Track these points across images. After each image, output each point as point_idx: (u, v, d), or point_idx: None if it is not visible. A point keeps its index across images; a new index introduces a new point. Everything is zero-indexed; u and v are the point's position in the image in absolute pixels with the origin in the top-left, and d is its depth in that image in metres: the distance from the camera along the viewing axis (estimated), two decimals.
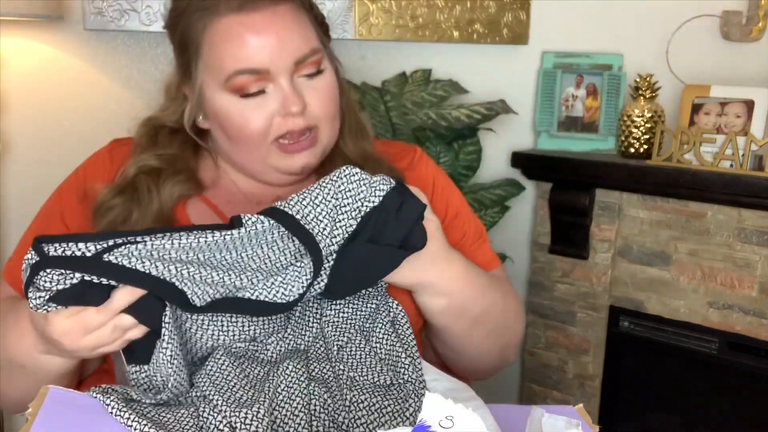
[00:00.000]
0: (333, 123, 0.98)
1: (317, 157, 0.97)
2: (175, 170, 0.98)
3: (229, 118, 0.93)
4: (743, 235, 1.68)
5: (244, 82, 0.90)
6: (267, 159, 0.95)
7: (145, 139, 1.01)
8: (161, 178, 0.96)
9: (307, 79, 0.93)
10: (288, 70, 0.91)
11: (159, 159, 0.98)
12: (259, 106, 0.92)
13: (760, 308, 1.67)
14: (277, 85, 0.91)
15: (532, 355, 2.03)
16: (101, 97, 2.00)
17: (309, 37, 0.93)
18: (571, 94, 1.96)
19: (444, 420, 0.54)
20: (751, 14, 1.82)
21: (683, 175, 1.68)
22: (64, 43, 1.97)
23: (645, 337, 1.85)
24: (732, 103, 1.70)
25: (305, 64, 0.92)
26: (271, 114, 0.92)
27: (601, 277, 1.88)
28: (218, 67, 0.91)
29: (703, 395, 1.82)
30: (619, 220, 1.84)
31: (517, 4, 1.98)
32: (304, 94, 0.93)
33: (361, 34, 1.96)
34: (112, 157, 1.02)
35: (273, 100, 0.92)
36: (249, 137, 0.93)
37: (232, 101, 0.92)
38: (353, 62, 2.04)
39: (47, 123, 2.00)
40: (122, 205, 0.94)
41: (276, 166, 0.96)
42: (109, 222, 0.93)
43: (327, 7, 1.93)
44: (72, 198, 0.99)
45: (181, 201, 0.97)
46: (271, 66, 0.90)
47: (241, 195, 1.01)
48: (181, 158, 1.00)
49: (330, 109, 0.96)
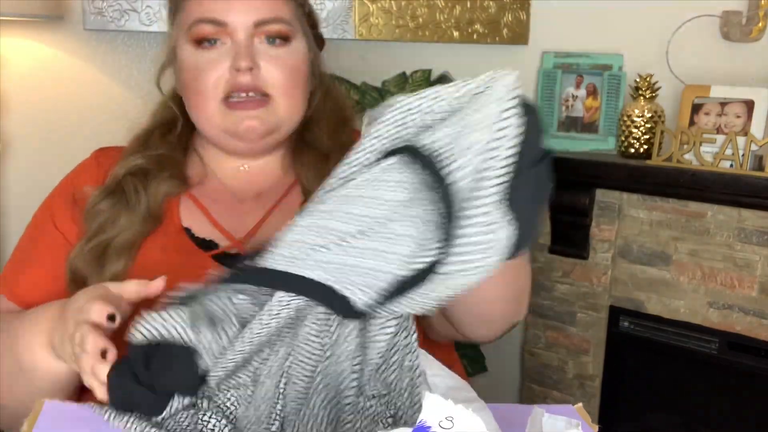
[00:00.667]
0: (288, 99, 0.97)
1: (266, 124, 0.96)
2: (162, 169, 0.99)
3: (184, 70, 0.97)
4: (743, 235, 1.68)
5: (203, 31, 0.94)
6: (214, 118, 0.96)
7: (135, 143, 1.03)
8: (148, 178, 0.98)
9: (269, 45, 0.96)
10: (247, 28, 0.94)
11: (147, 159, 1.00)
12: (213, 60, 0.94)
13: (760, 308, 1.67)
14: (235, 41, 0.94)
15: (532, 355, 2.03)
16: (101, 97, 2.00)
17: (278, 7, 0.96)
18: (571, 94, 1.96)
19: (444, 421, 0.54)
20: (751, 14, 1.82)
21: (683, 175, 1.68)
22: (64, 43, 1.97)
23: (645, 337, 1.84)
24: (732, 103, 1.70)
25: (267, 29, 0.95)
26: (223, 69, 0.94)
27: (601, 277, 1.88)
28: (186, 18, 0.96)
29: (703, 395, 1.82)
30: (619, 220, 1.84)
31: (517, 4, 1.98)
32: (261, 59, 0.95)
33: (361, 34, 1.96)
34: (99, 163, 1.03)
35: (227, 56, 0.94)
36: (199, 90, 0.95)
37: (190, 52, 0.96)
38: (353, 62, 2.04)
39: (47, 123, 2.00)
40: (111, 208, 0.95)
41: (222, 125, 0.96)
42: (99, 225, 0.94)
43: (327, 7, 1.93)
44: (61, 203, 1.00)
45: (172, 199, 0.98)
46: (230, 20, 0.93)
47: (227, 193, 1.01)
48: (168, 157, 1.01)
49: (285, 81, 0.96)
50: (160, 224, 0.96)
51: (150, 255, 0.93)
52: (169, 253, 0.93)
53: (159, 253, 0.93)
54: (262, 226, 0.97)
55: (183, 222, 0.97)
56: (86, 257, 0.92)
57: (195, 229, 0.96)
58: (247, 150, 1.00)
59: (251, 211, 0.99)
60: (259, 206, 0.99)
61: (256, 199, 1.01)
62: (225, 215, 0.98)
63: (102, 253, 0.92)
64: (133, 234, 0.93)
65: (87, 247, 0.93)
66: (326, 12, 1.93)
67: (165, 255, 0.93)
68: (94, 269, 0.91)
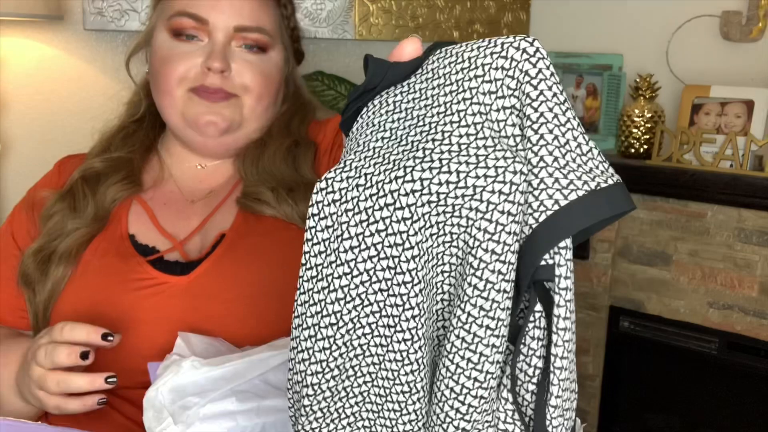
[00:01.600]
0: (255, 102, 0.97)
1: (225, 120, 0.96)
2: (117, 172, 1.00)
3: (156, 55, 0.98)
4: (743, 235, 1.68)
5: (183, 23, 0.95)
6: (177, 104, 0.96)
7: (98, 145, 1.05)
8: (99, 182, 0.98)
9: (245, 51, 0.96)
10: (227, 30, 0.95)
11: (104, 162, 1.01)
12: (187, 53, 0.95)
13: (760, 308, 1.67)
14: (212, 40, 0.95)
15: None
16: (101, 97, 2.00)
17: (261, 17, 0.97)
18: (571, 95, 1.96)
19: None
20: (751, 14, 1.82)
21: (683, 175, 1.68)
22: (64, 43, 1.97)
23: (645, 337, 1.85)
24: (732, 103, 1.70)
25: (246, 36, 0.95)
26: (195, 63, 0.94)
27: (601, 277, 1.88)
28: (168, 8, 0.96)
29: (703, 395, 1.82)
30: (619, 220, 1.84)
31: (517, 4, 1.98)
32: (234, 61, 0.95)
33: (361, 34, 1.96)
34: (61, 171, 1.05)
35: (201, 52, 0.95)
36: (167, 77, 0.96)
37: (166, 39, 0.96)
38: (353, 62, 2.04)
39: (47, 123, 2.00)
40: (61, 212, 0.96)
41: (183, 112, 0.96)
42: (47, 231, 0.95)
43: (327, 7, 1.93)
44: (21, 213, 1.02)
45: (122, 205, 0.98)
46: (212, 18, 0.94)
47: (180, 194, 1.01)
48: (126, 161, 1.02)
49: (254, 86, 0.96)
50: (106, 229, 0.96)
51: (90, 260, 0.93)
52: (108, 258, 0.93)
53: (99, 258, 0.93)
54: (204, 226, 0.96)
55: (130, 229, 0.96)
56: (33, 263, 0.94)
57: (140, 235, 0.96)
58: (202, 145, 1.00)
59: (199, 211, 0.99)
60: (207, 205, 0.99)
61: (206, 198, 1.01)
62: (172, 218, 0.98)
63: (47, 259, 0.93)
64: (76, 240, 0.94)
65: (34, 253, 0.94)
66: (326, 12, 1.93)
67: (104, 260, 0.92)
68: (39, 275, 0.93)
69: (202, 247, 0.93)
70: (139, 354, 0.85)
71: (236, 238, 0.92)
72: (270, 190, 0.94)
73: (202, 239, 0.95)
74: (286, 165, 0.98)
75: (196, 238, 0.95)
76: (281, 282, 0.88)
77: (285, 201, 0.93)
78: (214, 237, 0.93)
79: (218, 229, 0.94)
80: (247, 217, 0.94)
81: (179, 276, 0.90)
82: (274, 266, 0.89)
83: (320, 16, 1.95)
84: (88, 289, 0.90)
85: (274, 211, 0.93)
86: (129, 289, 0.89)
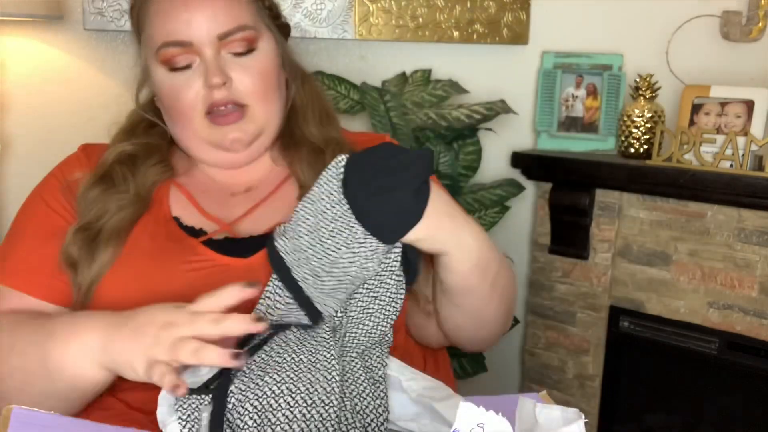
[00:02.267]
0: (265, 103, 0.99)
1: (248, 134, 0.98)
2: (149, 155, 1.01)
3: (162, 92, 0.98)
4: (743, 235, 1.68)
5: (170, 54, 0.95)
6: (200, 133, 0.98)
7: (122, 133, 1.05)
8: (136, 164, 0.99)
9: (237, 56, 0.96)
10: (212, 44, 0.94)
11: (135, 146, 1.01)
12: (187, 80, 0.96)
13: (760, 308, 1.67)
14: (203, 58, 0.95)
15: (532, 355, 2.03)
16: (101, 97, 2.00)
17: (238, 14, 0.96)
18: (571, 94, 1.96)
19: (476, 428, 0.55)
20: (751, 14, 1.82)
21: (683, 175, 1.68)
22: (64, 43, 1.97)
23: (645, 337, 1.84)
24: (732, 103, 1.70)
25: (232, 40, 0.95)
26: (198, 87, 0.95)
27: (601, 277, 1.88)
28: (151, 41, 0.96)
29: (703, 395, 1.82)
30: (619, 220, 1.84)
31: (517, 4, 1.98)
32: (231, 70, 0.96)
33: (361, 34, 1.96)
34: (87, 154, 1.05)
35: (199, 74, 0.95)
36: (180, 110, 0.97)
37: (164, 75, 0.97)
38: (353, 62, 2.04)
39: (47, 123, 2.00)
40: (101, 194, 0.96)
41: (208, 140, 0.98)
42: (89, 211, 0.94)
43: (327, 7, 1.93)
44: (55, 192, 1.00)
45: (162, 188, 0.99)
46: (194, 39, 0.94)
47: (216, 184, 1.03)
48: (155, 146, 1.03)
49: (258, 88, 0.97)
50: (149, 211, 0.96)
51: (139, 242, 0.93)
52: (158, 241, 0.93)
53: (148, 240, 0.93)
54: (252, 214, 0.98)
55: (172, 212, 0.97)
56: (78, 244, 0.92)
57: (184, 218, 0.97)
58: (233, 160, 1.01)
59: (241, 202, 1.00)
60: (249, 199, 1.01)
61: (246, 192, 1.02)
62: (214, 205, 0.99)
63: (93, 240, 0.92)
64: (122, 220, 0.93)
65: (78, 233, 0.93)
66: (326, 12, 1.93)
67: (154, 242, 0.93)
68: (85, 256, 0.92)
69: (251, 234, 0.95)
70: None
71: None
72: None
73: (251, 226, 0.96)
74: None
75: (244, 224, 0.96)
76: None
77: None
78: (267, 227, 0.94)
79: (270, 219, 0.95)
80: None
81: (238, 258, 0.90)
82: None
83: (320, 16, 1.94)
84: (138, 270, 0.90)
85: None
86: (184, 270, 0.90)
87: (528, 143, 2.05)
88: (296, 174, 1.02)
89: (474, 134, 1.93)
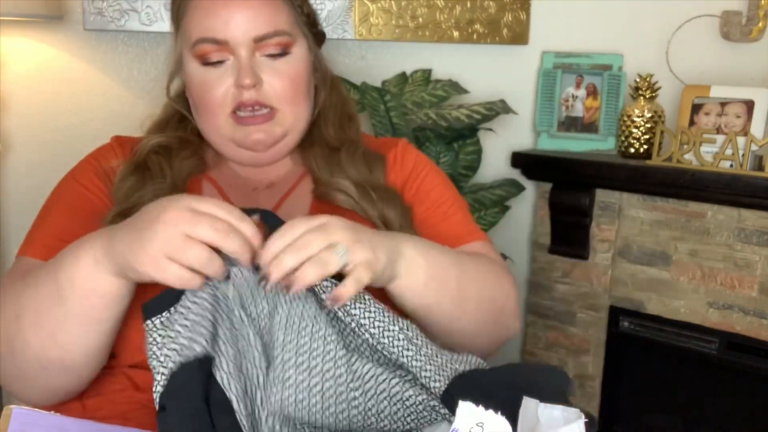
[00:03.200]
0: (293, 107, 1.00)
1: (272, 136, 1.00)
2: (183, 148, 1.03)
3: (193, 85, 1.00)
4: (743, 235, 1.68)
5: (205, 50, 0.96)
6: (223, 129, 1.00)
7: (154, 128, 1.08)
8: (171, 156, 1.02)
9: (270, 59, 0.98)
10: (247, 45, 0.96)
11: (169, 138, 1.04)
12: (219, 77, 0.97)
13: (760, 308, 1.67)
14: (237, 57, 0.96)
15: (532, 355, 2.03)
16: (101, 97, 2.00)
17: (275, 19, 0.97)
18: (571, 94, 1.96)
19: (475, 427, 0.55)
20: (751, 14, 1.82)
21: (683, 175, 1.68)
22: (64, 43, 1.97)
23: (645, 337, 1.84)
24: (732, 103, 1.70)
25: (267, 43, 0.97)
26: (228, 85, 0.97)
27: (601, 277, 1.88)
28: (188, 35, 0.98)
29: (703, 395, 1.82)
30: (619, 220, 1.84)
31: (517, 4, 1.98)
32: (263, 72, 0.97)
33: (361, 34, 1.96)
34: (120, 144, 1.07)
35: (231, 72, 0.97)
36: (208, 105, 0.99)
37: (196, 68, 0.98)
38: (353, 62, 2.04)
39: (47, 123, 2.00)
40: (137, 183, 0.97)
41: (231, 137, 1.00)
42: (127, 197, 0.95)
43: (327, 7, 1.93)
44: (90, 176, 1.00)
45: (195, 180, 1.02)
46: (230, 38, 0.95)
47: (240, 180, 1.05)
48: (188, 140, 1.06)
49: (288, 92, 0.99)
50: None
51: None
52: None
53: None
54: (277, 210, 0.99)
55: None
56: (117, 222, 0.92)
57: None
58: (256, 159, 1.03)
59: (265, 199, 1.02)
60: (271, 195, 1.03)
61: (268, 188, 1.04)
62: (242, 201, 1.01)
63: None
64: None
65: (117, 218, 0.90)
66: (326, 12, 1.93)
67: None
68: None
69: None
70: None
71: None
72: (353, 184, 0.99)
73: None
74: (365, 168, 1.03)
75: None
76: None
77: (368, 197, 0.98)
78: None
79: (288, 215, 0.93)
80: (323, 208, 0.98)
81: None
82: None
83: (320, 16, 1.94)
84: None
85: (352, 203, 0.98)
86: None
87: (528, 143, 2.05)
88: (311, 170, 1.04)
89: (474, 134, 1.93)
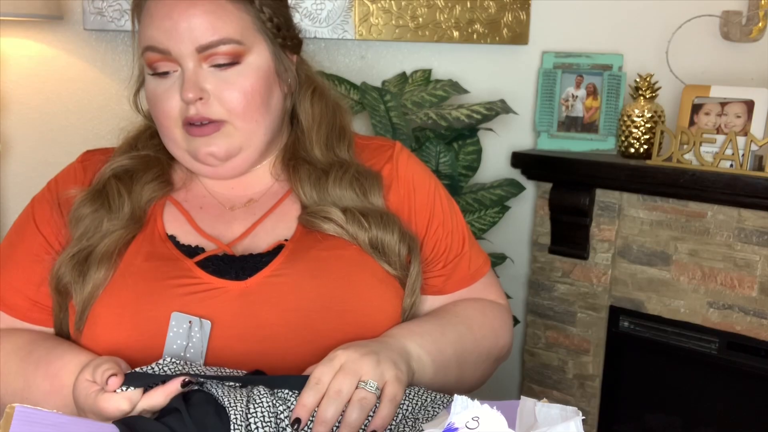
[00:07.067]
0: (245, 121, 0.94)
1: (223, 149, 0.94)
2: (147, 171, 0.98)
3: (147, 96, 0.97)
4: (743, 235, 1.68)
5: (152, 58, 0.92)
6: (180, 142, 0.95)
7: (125, 144, 1.03)
8: (133, 180, 0.97)
9: (218, 69, 0.92)
10: (191, 55, 0.90)
11: (133, 160, 0.99)
12: (168, 89, 0.93)
13: (760, 308, 1.67)
14: (183, 68, 0.91)
15: (532, 355, 2.03)
16: (101, 97, 2.00)
17: (223, 26, 0.90)
18: (571, 94, 1.96)
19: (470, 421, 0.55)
20: (751, 14, 1.82)
21: (683, 175, 1.68)
22: (64, 43, 1.97)
23: (645, 337, 1.85)
24: (732, 103, 1.70)
25: (213, 52, 0.90)
26: (176, 98, 0.92)
27: (601, 277, 1.88)
28: (139, 41, 0.95)
29: (703, 395, 1.82)
30: (619, 220, 1.84)
31: (517, 4, 1.98)
32: (210, 83, 0.91)
33: (361, 34, 1.96)
34: (85, 167, 1.02)
35: (178, 84, 0.92)
36: (160, 118, 0.95)
37: (149, 78, 0.95)
38: (353, 62, 2.04)
39: (47, 123, 2.01)
40: (94, 213, 0.94)
41: (186, 149, 0.96)
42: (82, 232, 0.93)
43: (327, 7, 1.93)
44: (45, 207, 0.99)
45: (156, 205, 0.97)
46: (173, 49, 0.90)
47: (212, 199, 1.00)
48: (154, 159, 1.01)
49: (238, 105, 0.92)
50: (143, 231, 0.94)
51: (133, 263, 0.91)
52: (152, 261, 0.91)
53: (142, 260, 0.91)
54: (254, 231, 0.95)
55: (167, 230, 0.95)
56: (69, 265, 0.91)
57: (180, 237, 0.95)
58: (214, 173, 0.98)
59: (240, 218, 0.97)
60: (250, 213, 0.98)
61: (246, 206, 0.99)
62: (211, 222, 0.97)
63: (84, 261, 0.91)
64: (116, 240, 0.91)
65: (70, 255, 0.92)
66: (326, 12, 1.93)
67: (148, 263, 0.91)
68: (76, 278, 0.90)
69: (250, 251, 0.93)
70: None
71: (298, 249, 0.91)
72: (341, 211, 0.94)
73: (250, 242, 0.94)
74: (354, 193, 0.97)
75: (244, 243, 0.94)
76: (340, 298, 0.90)
77: (358, 222, 0.93)
78: (267, 245, 0.93)
79: (271, 238, 0.94)
80: (308, 231, 0.94)
81: (235, 281, 0.89)
82: (336, 281, 0.90)
83: (320, 16, 1.95)
84: (131, 292, 0.88)
85: (339, 230, 0.93)
86: (179, 293, 0.87)
87: (528, 143, 2.06)
88: (299, 194, 0.98)
89: (474, 134, 1.93)
